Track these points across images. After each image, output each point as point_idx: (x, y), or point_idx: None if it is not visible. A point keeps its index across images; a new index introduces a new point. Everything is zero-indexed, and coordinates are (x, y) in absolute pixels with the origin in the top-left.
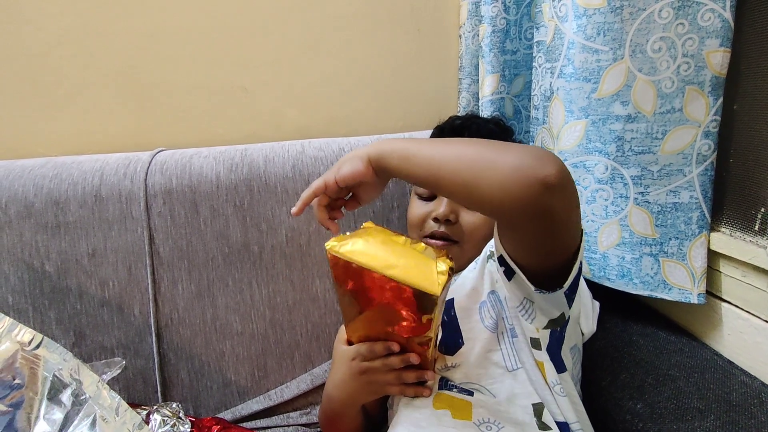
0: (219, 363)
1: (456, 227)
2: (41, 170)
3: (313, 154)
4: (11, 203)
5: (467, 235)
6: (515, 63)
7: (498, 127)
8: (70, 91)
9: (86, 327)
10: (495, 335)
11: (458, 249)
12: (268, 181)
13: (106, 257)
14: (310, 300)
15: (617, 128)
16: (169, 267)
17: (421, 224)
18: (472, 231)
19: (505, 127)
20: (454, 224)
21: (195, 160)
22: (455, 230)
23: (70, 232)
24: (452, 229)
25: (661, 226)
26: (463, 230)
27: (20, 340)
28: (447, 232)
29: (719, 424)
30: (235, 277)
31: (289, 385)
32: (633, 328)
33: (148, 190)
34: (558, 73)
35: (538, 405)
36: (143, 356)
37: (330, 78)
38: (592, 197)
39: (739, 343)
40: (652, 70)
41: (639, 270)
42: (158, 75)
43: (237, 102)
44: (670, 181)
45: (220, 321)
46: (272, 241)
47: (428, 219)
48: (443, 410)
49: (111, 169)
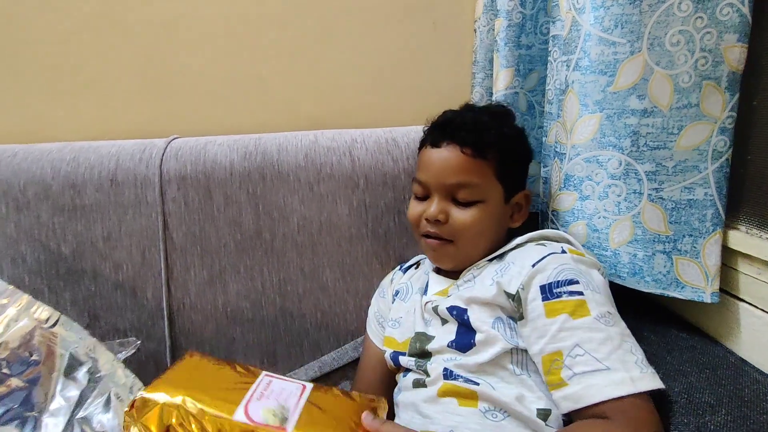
0: (229, 348)
1: (447, 227)
2: (59, 154)
3: (326, 144)
4: (29, 185)
5: (460, 234)
6: (530, 58)
7: (491, 117)
8: (89, 79)
9: (100, 309)
10: (507, 345)
11: (453, 247)
12: (281, 170)
13: (120, 241)
14: (320, 289)
15: (632, 122)
16: (182, 252)
17: (417, 224)
18: (463, 229)
19: (503, 113)
20: (445, 224)
21: (209, 148)
22: (447, 229)
23: (86, 215)
24: (444, 228)
25: (674, 223)
26: (455, 229)
27: (38, 318)
28: (439, 232)
29: (731, 419)
30: (246, 264)
31: (297, 372)
32: (644, 325)
33: (163, 176)
34: (574, 65)
35: (545, 411)
36: (155, 339)
37: (344, 70)
38: (604, 193)
39: (753, 341)
40: (670, 64)
41: (651, 268)
42: (175, 64)
43: (252, 92)
44: (684, 177)
45: (231, 307)
46: (284, 229)
47: (423, 218)
48: (449, 398)
49: (127, 154)
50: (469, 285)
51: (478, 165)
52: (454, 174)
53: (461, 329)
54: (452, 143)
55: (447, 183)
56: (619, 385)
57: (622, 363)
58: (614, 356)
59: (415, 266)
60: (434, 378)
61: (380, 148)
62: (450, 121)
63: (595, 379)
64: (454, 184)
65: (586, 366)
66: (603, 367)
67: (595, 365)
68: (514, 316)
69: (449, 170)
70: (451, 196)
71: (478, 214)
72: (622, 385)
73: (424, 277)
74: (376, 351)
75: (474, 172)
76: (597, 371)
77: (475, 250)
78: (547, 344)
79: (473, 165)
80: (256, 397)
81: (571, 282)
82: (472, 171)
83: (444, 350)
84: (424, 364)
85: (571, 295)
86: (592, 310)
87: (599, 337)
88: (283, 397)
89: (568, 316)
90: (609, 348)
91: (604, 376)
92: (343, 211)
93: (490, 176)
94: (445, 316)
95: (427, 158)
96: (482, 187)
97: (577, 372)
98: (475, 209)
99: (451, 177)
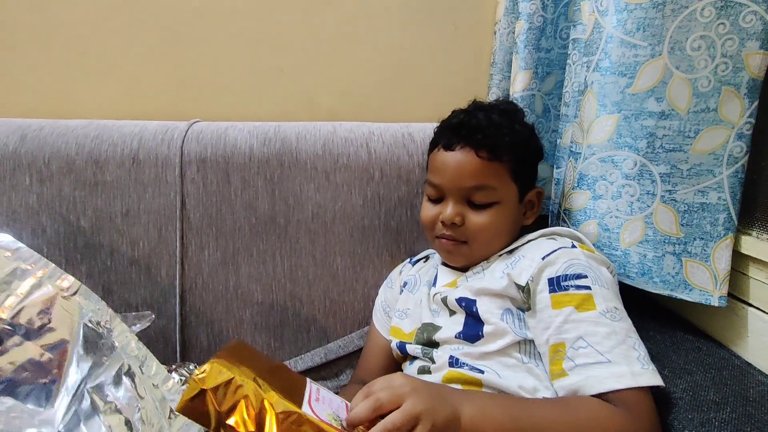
0: (238, 330)
1: (463, 229)
2: (84, 130)
3: (344, 135)
4: (54, 159)
5: (475, 236)
6: (548, 61)
7: (502, 116)
8: (115, 61)
9: (114, 283)
10: (516, 337)
11: (467, 248)
12: (299, 158)
13: (138, 218)
14: (330, 277)
15: (649, 124)
16: (197, 232)
17: (431, 226)
18: (479, 232)
19: (512, 110)
20: (461, 226)
21: (230, 132)
22: (462, 232)
23: (106, 191)
24: (459, 231)
25: (686, 226)
26: (470, 231)
27: (60, 286)
28: (454, 235)
29: (735, 416)
30: (259, 247)
31: (303, 357)
32: (650, 325)
33: (184, 157)
34: (594, 66)
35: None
36: (166, 316)
37: (364, 66)
38: (617, 193)
39: (759, 346)
40: (690, 68)
41: (660, 269)
42: (199, 50)
43: (273, 82)
44: (699, 180)
45: (242, 289)
46: (298, 215)
47: (437, 221)
48: (453, 385)
49: (149, 134)
50: (479, 276)
51: (493, 167)
52: (470, 177)
53: (469, 320)
54: (467, 146)
55: (463, 186)
56: (619, 378)
57: (625, 357)
58: (617, 350)
59: (424, 259)
60: (439, 365)
61: (396, 142)
62: (463, 123)
63: (595, 371)
64: (471, 187)
65: (587, 358)
66: (605, 360)
67: (597, 358)
68: (523, 308)
69: (465, 173)
70: (467, 198)
71: (494, 216)
72: (622, 378)
73: (433, 270)
74: (381, 340)
75: (490, 174)
76: (598, 363)
77: (490, 250)
78: (551, 335)
79: (489, 168)
80: (314, 399)
81: (579, 276)
82: (488, 174)
83: (452, 341)
84: (430, 352)
85: (578, 288)
86: (599, 305)
87: (603, 331)
88: (335, 407)
89: (574, 308)
90: (612, 342)
91: (605, 369)
92: (357, 202)
93: (505, 178)
94: (453, 307)
95: (441, 161)
96: (498, 189)
97: (578, 363)
98: (491, 211)
99: (467, 180)
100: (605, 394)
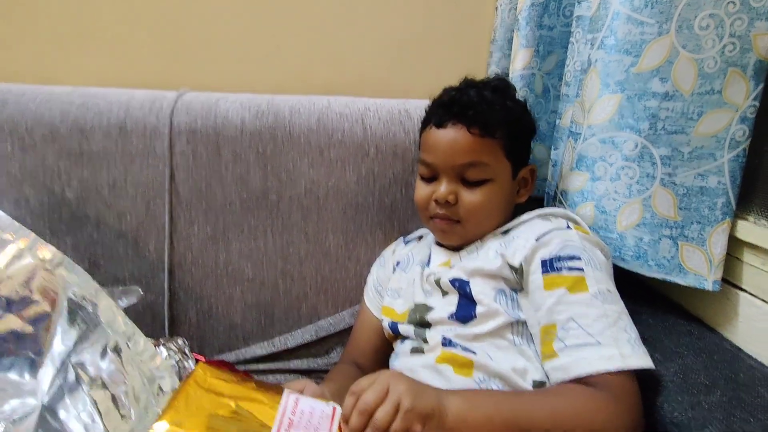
0: (227, 306)
1: (456, 208)
2: (68, 97)
3: (339, 110)
4: (36, 126)
5: (469, 214)
6: (550, 39)
7: (494, 92)
8: (101, 24)
9: (101, 257)
10: (509, 318)
11: (461, 227)
12: (292, 132)
13: (126, 190)
14: (322, 254)
15: (652, 105)
16: (187, 207)
17: (425, 206)
18: (472, 210)
19: (504, 87)
20: (455, 205)
21: (221, 104)
22: (456, 211)
23: (92, 161)
24: (453, 209)
25: (684, 210)
26: (464, 210)
27: (42, 257)
28: (448, 214)
29: (725, 399)
30: (250, 223)
31: (293, 335)
32: (643, 309)
33: (173, 128)
34: (599, 44)
35: (541, 382)
36: (154, 291)
37: (361, 38)
38: (616, 175)
39: (750, 331)
40: (697, 48)
41: (656, 252)
42: (190, 16)
43: (266, 52)
44: (699, 164)
45: (233, 266)
46: (290, 191)
47: (431, 200)
48: (445, 365)
49: (137, 103)
50: (473, 257)
51: (486, 144)
52: (463, 154)
53: (462, 301)
54: (458, 123)
55: (456, 164)
56: (608, 359)
57: (615, 340)
58: (607, 333)
59: (417, 239)
60: (433, 345)
61: (393, 119)
62: (454, 100)
63: (585, 353)
64: (464, 164)
65: (577, 339)
66: (594, 341)
67: (587, 339)
68: (516, 288)
69: (457, 150)
70: (460, 176)
71: (487, 193)
72: (611, 360)
73: (426, 250)
74: (372, 319)
75: (483, 151)
76: (588, 345)
77: (484, 228)
78: (543, 317)
79: (482, 144)
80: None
81: (572, 258)
82: (481, 150)
83: (444, 322)
84: (423, 332)
85: (570, 270)
86: (591, 287)
87: (594, 313)
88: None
89: (566, 290)
90: (603, 324)
91: (595, 351)
92: (351, 179)
93: (498, 154)
94: (446, 288)
95: (434, 139)
96: (491, 165)
97: (568, 344)
98: (484, 189)
99: (460, 157)
100: (593, 375)
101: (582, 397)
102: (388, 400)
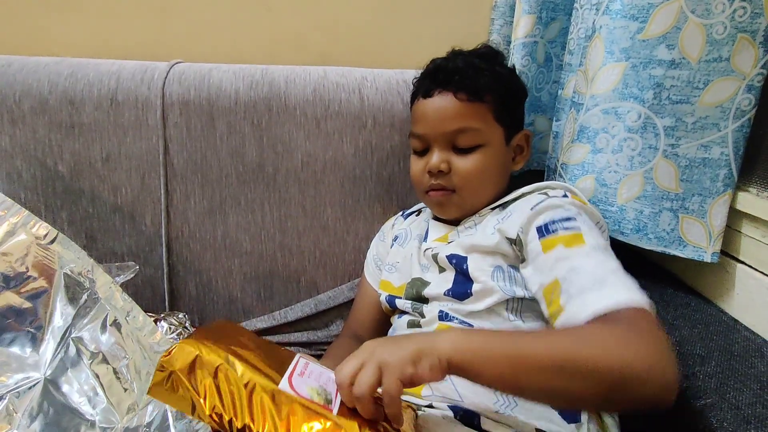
0: (226, 280)
1: (450, 176)
2: (56, 68)
3: (335, 80)
4: (25, 98)
5: (464, 182)
6: (554, 5)
7: (482, 59)
8: None
9: (97, 231)
10: (504, 296)
11: (458, 197)
12: (288, 103)
13: (119, 163)
14: (321, 228)
15: (658, 74)
16: (182, 179)
17: (420, 180)
18: (467, 178)
19: (492, 53)
20: (448, 174)
21: (214, 74)
22: (450, 180)
23: (84, 134)
24: (447, 178)
25: (686, 181)
26: (458, 177)
27: (35, 234)
28: (443, 183)
29: (720, 370)
30: (247, 196)
31: (293, 308)
32: (641, 282)
33: (165, 99)
34: (604, 9)
35: None
36: (152, 266)
37: (357, 5)
38: (618, 146)
39: (747, 303)
40: (706, 13)
41: (656, 225)
42: None
43: (259, 20)
44: (703, 134)
45: (230, 239)
46: (287, 164)
47: (425, 173)
48: None
49: (128, 74)
50: (471, 232)
51: (474, 108)
52: (452, 120)
53: (459, 278)
54: (445, 90)
55: (445, 131)
56: (614, 297)
57: (620, 281)
58: (612, 277)
59: (416, 213)
60: (429, 319)
61: (390, 89)
62: (440, 68)
63: (592, 296)
64: (453, 130)
65: (582, 285)
66: (598, 285)
67: (592, 284)
68: (516, 264)
69: (446, 118)
70: (452, 144)
71: (480, 159)
72: (618, 296)
73: (424, 224)
74: (372, 293)
75: (471, 116)
76: (593, 289)
77: (481, 197)
78: (545, 276)
79: (470, 109)
80: (297, 373)
81: (567, 219)
82: (470, 115)
83: (441, 298)
84: (420, 306)
85: (566, 229)
86: (588, 241)
87: (594, 261)
88: (323, 381)
89: (564, 246)
90: (604, 270)
91: (601, 291)
92: (348, 151)
93: (488, 119)
94: (443, 264)
95: (422, 110)
96: (482, 130)
97: (573, 293)
98: (477, 155)
99: (449, 124)
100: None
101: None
102: (368, 364)
